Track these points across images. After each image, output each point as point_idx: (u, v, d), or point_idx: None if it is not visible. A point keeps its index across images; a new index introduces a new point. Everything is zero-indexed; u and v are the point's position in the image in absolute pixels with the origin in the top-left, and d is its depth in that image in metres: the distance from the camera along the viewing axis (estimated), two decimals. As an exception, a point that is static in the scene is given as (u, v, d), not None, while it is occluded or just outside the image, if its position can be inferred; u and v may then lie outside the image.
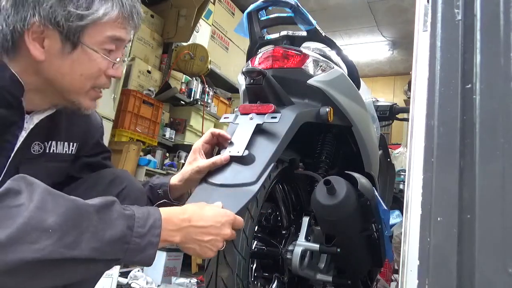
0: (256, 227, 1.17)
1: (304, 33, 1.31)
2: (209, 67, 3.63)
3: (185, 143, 3.48)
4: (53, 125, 0.92)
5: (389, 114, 2.05)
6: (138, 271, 2.22)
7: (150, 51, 3.46)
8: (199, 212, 0.81)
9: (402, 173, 2.52)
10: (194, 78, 3.66)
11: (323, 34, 1.31)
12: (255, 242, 1.22)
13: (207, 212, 0.81)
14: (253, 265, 1.26)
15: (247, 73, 1.10)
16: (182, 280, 2.34)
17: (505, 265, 0.54)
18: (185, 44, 3.65)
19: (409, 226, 0.67)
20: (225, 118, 1.10)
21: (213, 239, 0.81)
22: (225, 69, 4.10)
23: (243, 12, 1.44)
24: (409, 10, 4.45)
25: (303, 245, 1.21)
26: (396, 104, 2.09)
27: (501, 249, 0.54)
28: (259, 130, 1.02)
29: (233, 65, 4.19)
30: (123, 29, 0.84)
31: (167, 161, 3.33)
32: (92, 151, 1.06)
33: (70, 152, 0.98)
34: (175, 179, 1.06)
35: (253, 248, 1.20)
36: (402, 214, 1.30)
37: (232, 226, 0.84)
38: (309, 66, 1.25)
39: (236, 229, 0.86)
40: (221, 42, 4.11)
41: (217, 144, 1.07)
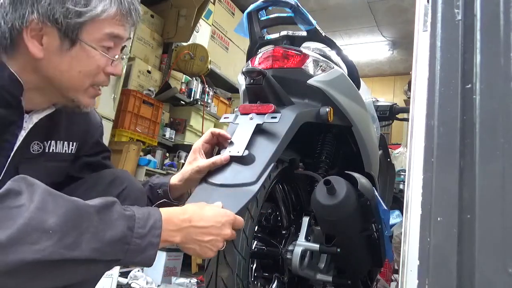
0: (256, 227, 1.17)
1: (304, 33, 1.31)
2: (209, 67, 3.63)
3: (185, 143, 3.48)
4: (53, 124, 0.92)
5: (389, 114, 2.05)
6: (138, 271, 2.22)
7: (150, 51, 3.46)
8: (200, 212, 0.81)
9: (402, 173, 2.52)
10: (194, 78, 3.66)
11: (323, 34, 1.31)
12: (255, 242, 1.22)
13: (207, 212, 0.81)
14: (253, 265, 1.26)
15: (247, 73, 1.10)
16: (182, 280, 2.34)
17: (505, 265, 0.54)
18: (185, 44, 3.65)
19: (409, 226, 0.67)
20: (225, 118, 1.10)
21: (213, 239, 0.81)
22: (225, 69, 4.10)
23: (243, 12, 1.44)
24: (409, 10, 4.45)
25: (303, 245, 1.21)
26: (396, 104, 2.09)
27: (501, 249, 0.54)
28: (259, 130, 1.02)
29: (233, 65, 4.19)
30: (121, 26, 0.84)
31: (167, 161, 3.33)
32: (92, 150, 1.06)
33: (69, 152, 0.97)
34: (175, 179, 1.06)
35: (253, 248, 1.20)
36: (402, 214, 1.30)
37: (232, 226, 0.84)
38: (309, 66, 1.25)
39: (236, 229, 0.86)
40: (221, 42, 4.11)
41: (217, 144, 1.07)
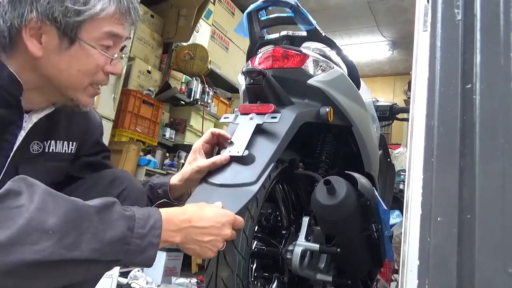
0: (256, 227, 1.17)
1: (304, 33, 1.31)
2: (209, 67, 3.63)
3: (185, 143, 3.48)
4: (52, 124, 0.92)
5: (389, 114, 2.05)
6: (138, 271, 2.22)
7: (150, 51, 3.46)
8: (200, 212, 0.81)
9: (402, 173, 2.52)
10: (194, 78, 3.66)
11: (323, 34, 1.31)
12: (255, 242, 1.22)
13: (207, 212, 0.81)
14: (253, 265, 1.26)
15: (247, 73, 1.10)
16: (182, 280, 2.34)
17: (505, 265, 0.54)
18: (185, 44, 3.65)
19: (409, 226, 0.67)
20: (225, 118, 1.10)
21: (213, 239, 0.80)
22: (225, 69, 4.10)
23: (243, 12, 1.44)
24: (409, 10, 4.45)
25: (303, 245, 1.21)
26: (396, 104, 2.09)
27: (501, 249, 0.54)
28: (259, 130, 1.02)
29: (233, 65, 4.19)
30: (120, 25, 0.84)
31: (167, 161, 3.33)
32: (91, 150, 1.06)
33: (69, 152, 0.97)
34: (175, 179, 1.06)
35: (253, 248, 1.20)
36: (402, 214, 1.30)
37: (232, 226, 0.84)
38: (309, 66, 1.25)
39: (236, 229, 0.86)
40: (221, 42, 4.11)
41: (217, 144, 1.07)
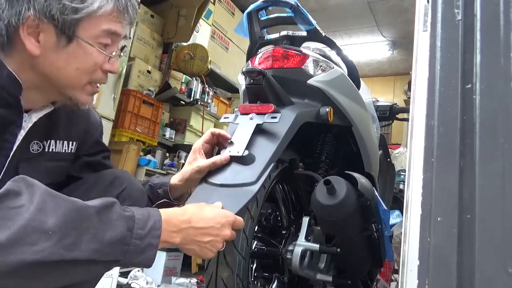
0: (256, 227, 1.17)
1: (304, 33, 1.31)
2: (209, 67, 3.63)
3: (185, 143, 3.48)
4: (52, 124, 0.91)
5: (389, 114, 2.05)
6: (138, 271, 2.22)
7: (150, 51, 3.46)
8: (199, 213, 0.81)
9: (402, 173, 2.52)
10: (194, 78, 3.66)
11: (323, 34, 1.31)
12: (255, 242, 1.22)
13: (207, 213, 0.81)
14: (253, 265, 1.26)
15: (247, 73, 1.10)
16: (182, 280, 2.34)
17: (505, 265, 0.54)
18: (185, 44, 3.65)
19: (409, 226, 0.67)
20: (225, 118, 1.10)
21: (213, 240, 0.80)
22: (225, 69, 4.10)
23: (243, 12, 1.44)
24: (409, 10, 4.45)
25: (303, 245, 1.21)
26: (396, 104, 2.09)
27: (501, 249, 0.54)
28: (259, 130, 1.02)
29: (233, 65, 4.19)
30: (118, 23, 0.83)
31: (167, 161, 3.33)
32: (91, 150, 1.06)
33: (69, 151, 0.97)
34: (175, 179, 1.06)
35: (253, 248, 1.20)
36: (402, 214, 1.30)
37: (232, 227, 0.84)
38: (309, 66, 1.25)
39: (236, 230, 0.86)
40: (221, 42, 4.11)
41: (217, 144, 1.07)
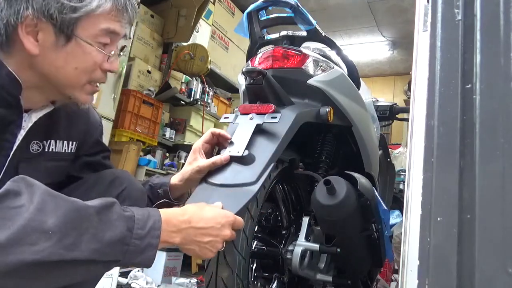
0: (256, 227, 1.17)
1: (304, 33, 1.31)
2: (209, 67, 3.63)
3: (185, 143, 3.48)
4: (52, 123, 0.91)
5: (389, 114, 2.05)
6: (138, 271, 2.22)
7: (150, 51, 3.46)
8: (199, 213, 0.81)
9: (402, 173, 2.52)
10: (194, 78, 3.66)
11: (323, 34, 1.31)
12: (255, 242, 1.22)
13: (207, 213, 0.81)
14: (253, 265, 1.26)
15: (247, 73, 1.10)
16: (182, 280, 2.34)
17: (505, 265, 0.54)
18: (185, 44, 3.65)
19: (409, 226, 0.67)
20: (225, 118, 1.10)
21: (213, 240, 0.80)
22: (225, 69, 4.10)
23: (243, 12, 1.44)
24: (409, 10, 4.45)
25: (303, 245, 1.21)
26: (396, 104, 2.09)
27: (501, 249, 0.54)
28: (259, 130, 1.02)
29: (233, 65, 4.19)
30: (117, 22, 0.83)
31: (167, 161, 3.33)
32: (91, 150, 1.06)
33: (69, 151, 0.97)
34: (175, 179, 1.06)
35: (253, 248, 1.20)
36: (402, 214, 1.30)
37: (232, 227, 0.84)
38: (309, 66, 1.25)
39: (236, 230, 0.86)
40: (221, 42, 4.11)
41: (217, 144, 1.07)
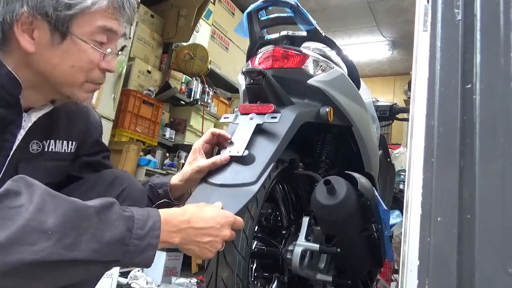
0: (256, 227, 1.17)
1: (304, 33, 1.31)
2: (209, 67, 3.63)
3: (185, 143, 3.48)
4: (51, 123, 0.91)
5: (389, 114, 2.05)
6: (138, 271, 2.22)
7: (150, 51, 3.46)
8: (199, 213, 0.81)
9: (402, 173, 2.52)
10: (194, 78, 3.66)
11: (323, 34, 1.31)
12: (255, 242, 1.22)
13: (206, 213, 0.81)
14: (253, 265, 1.26)
15: (247, 73, 1.10)
16: (182, 280, 2.34)
17: (505, 265, 0.54)
18: (185, 44, 3.65)
19: (409, 226, 0.67)
20: (225, 118, 1.10)
21: (212, 240, 0.80)
22: (225, 69, 4.10)
23: (243, 12, 1.44)
24: (409, 10, 4.45)
25: (303, 245, 1.21)
26: (396, 104, 2.09)
27: (501, 249, 0.54)
28: (259, 130, 1.02)
29: (233, 65, 4.19)
30: (114, 20, 0.82)
31: (167, 161, 3.33)
32: (91, 149, 1.05)
33: (69, 151, 0.97)
34: (175, 179, 1.06)
35: (253, 248, 1.20)
36: (402, 214, 1.30)
37: (231, 227, 0.84)
38: (309, 66, 1.25)
39: (235, 230, 0.86)
40: (221, 42, 4.11)
41: (217, 144, 1.07)
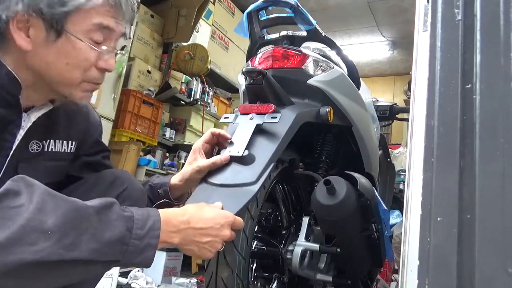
0: (256, 227, 1.17)
1: (304, 33, 1.31)
2: (209, 67, 3.63)
3: (185, 143, 3.48)
4: (51, 123, 0.91)
5: (389, 114, 2.05)
6: (138, 271, 2.22)
7: (150, 51, 3.46)
8: (199, 213, 0.81)
9: (402, 173, 2.52)
10: (194, 78, 3.66)
11: (323, 34, 1.31)
12: (255, 242, 1.22)
13: (206, 213, 0.81)
14: (253, 265, 1.26)
15: (247, 73, 1.10)
16: (182, 280, 2.34)
17: (505, 265, 0.54)
18: (185, 44, 3.65)
19: (409, 226, 0.67)
20: (225, 118, 1.10)
21: (212, 240, 0.80)
22: (225, 69, 4.10)
23: (243, 12, 1.44)
24: (409, 10, 4.45)
25: (303, 245, 1.21)
26: (396, 104, 2.09)
27: (501, 249, 0.54)
28: (259, 130, 1.02)
29: (233, 65, 4.19)
30: (111, 18, 0.81)
31: (167, 161, 3.33)
32: (91, 149, 1.05)
33: (69, 151, 0.97)
34: (175, 179, 1.06)
35: (253, 248, 1.20)
36: (402, 214, 1.30)
37: (231, 227, 0.84)
38: (309, 66, 1.25)
39: (235, 230, 0.86)
40: (221, 42, 4.11)
41: (217, 144, 1.07)
